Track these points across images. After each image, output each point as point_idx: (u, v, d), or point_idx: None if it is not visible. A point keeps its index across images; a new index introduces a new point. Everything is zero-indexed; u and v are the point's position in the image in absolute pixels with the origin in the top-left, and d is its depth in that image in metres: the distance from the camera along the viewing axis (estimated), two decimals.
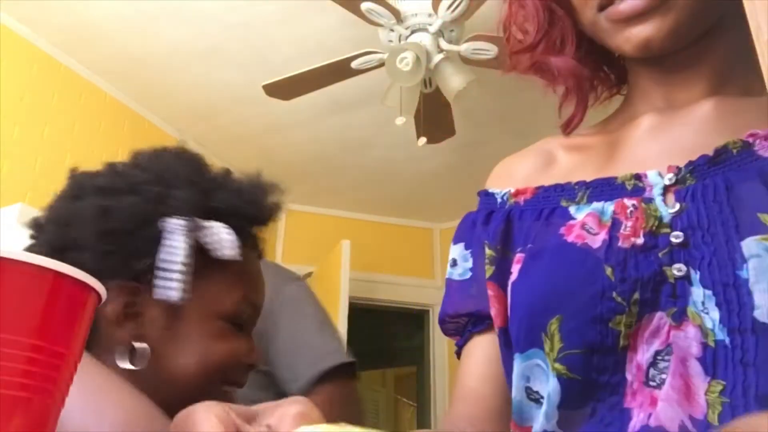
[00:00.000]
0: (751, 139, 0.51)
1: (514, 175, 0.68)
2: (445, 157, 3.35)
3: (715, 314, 0.47)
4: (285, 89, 2.50)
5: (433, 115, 2.62)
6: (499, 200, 0.66)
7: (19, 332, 0.37)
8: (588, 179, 0.59)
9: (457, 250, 0.69)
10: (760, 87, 0.55)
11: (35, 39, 2.57)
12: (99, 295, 0.44)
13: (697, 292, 0.48)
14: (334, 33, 2.54)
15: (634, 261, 0.50)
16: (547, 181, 0.63)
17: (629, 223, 0.52)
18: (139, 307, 0.70)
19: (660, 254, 0.50)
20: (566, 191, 0.60)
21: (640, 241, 0.51)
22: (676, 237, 0.50)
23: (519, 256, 0.59)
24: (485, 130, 3.07)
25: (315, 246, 3.82)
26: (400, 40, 2.32)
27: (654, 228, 0.51)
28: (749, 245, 0.46)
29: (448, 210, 3.93)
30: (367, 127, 3.18)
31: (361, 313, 3.64)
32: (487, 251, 0.63)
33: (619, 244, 0.51)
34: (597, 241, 0.53)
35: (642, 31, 0.54)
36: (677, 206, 0.51)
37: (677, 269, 0.49)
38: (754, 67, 0.59)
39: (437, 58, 2.30)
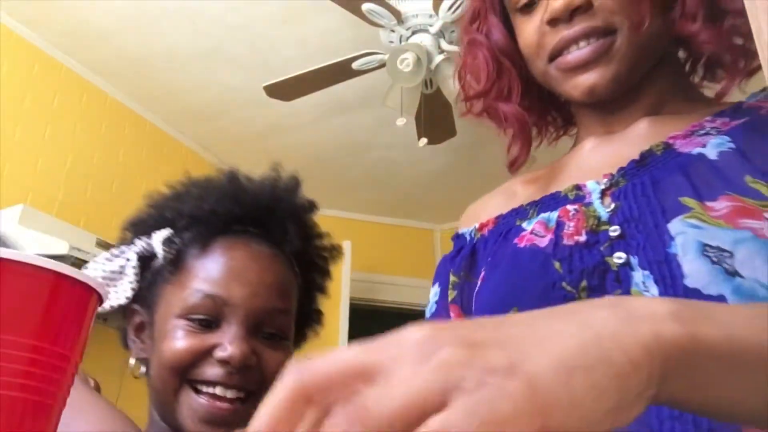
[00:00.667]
0: (671, 141, 0.60)
1: (481, 214, 0.76)
2: (446, 158, 3.35)
3: (654, 290, 0.52)
4: (286, 90, 2.50)
5: (434, 116, 2.62)
6: (468, 238, 0.74)
7: (20, 333, 0.37)
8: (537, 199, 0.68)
9: (432, 291, 0.77)
10: (688, 110, 0.66)
11: (36, 39, 2.57)
12: (100, 297, 0.44)
13: (637, 275, 0.53)
14: (335, 34, 2.54)
15: (579, 255, 0.57)
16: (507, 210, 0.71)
17: (572, 224, 0.59)
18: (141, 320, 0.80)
19: (602, 248, 0.56)
20: (520, 213, 0.68)
21: (582, 238, 0.57)
22: (614, 231, 0.56)
23: (482, 274, 0.66)
24: (486, 130, 3.06)
25: None
26: (401, 41, 2.32)
27: (594, 226, 0.58)
28: (675, 225, 0.53)
29: (449, 211, 3.92)
30: (368, 127, 3.18)
31: (362, 314, 3.63)
32: (451, 278, 0.71)
33: (564, 242, 0.58)
34: (544, 241, 0.60)
35: (588, 79, 0.63)
36: (612, 205, 0.58)
37: (618, 257, 0.55)
38: (684, 95, 0.67)
39: (438, 58, 2.30)
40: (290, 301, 0.81)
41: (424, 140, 2.69)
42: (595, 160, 0.66)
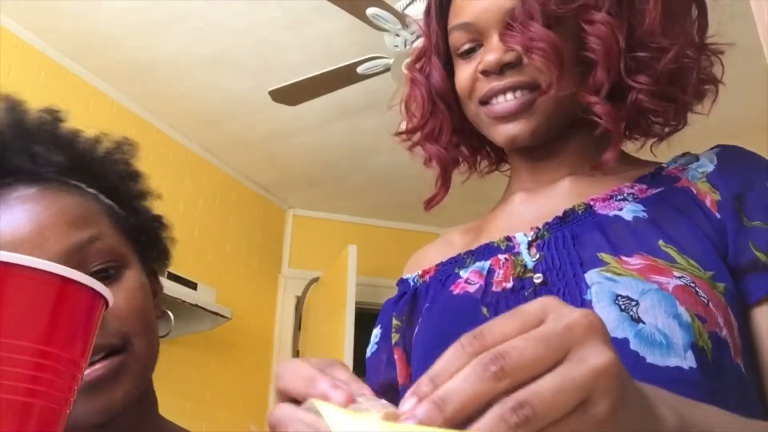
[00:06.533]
0: (591, 202, 0.68)
1: (422, 261, 0.82)
2: None
3: None
4: (291, 95, 2.51)
5: None
6: (411, 283, 0.80)
7: (27, 338, 0.37)
8: (473, 248, 0.74)
9: (374, 333, 0.82)
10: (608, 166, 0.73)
11: (43, 46, 2.58)
12: (106, 301, 0.44)
13: None
14: (340, 38, 2.55)
15: (506, 301, 0.64)
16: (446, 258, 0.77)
17: (501, 272, 0.67)
18: None
19: (526, 293, 0.63)
20: (458, 261, 0.75)
21: (509, 285, 0.65)
22: (538, 278, 0.64)
23: (420, 319, 0.72)
24: None
25: (321, 251, 3.82)
26: (405, 45, 2.32)
27: (521, 273, 0.65)
28: (591, 276, 0.60)
29: (454, 214, 3.91)
30: (373, 131, 3.18)
31: (367, 318, 3.62)
32: (394, 321, 0.77)
33: (493, 288, 0.66)
34: (475, 287, 0.67)
35: (511, 129, 0.69)
36: (537, 255, 0.66)
37: None
38: (600, 151, 0.73)
39: None
40: (94, 227, 0.69)
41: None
42: (523, 213, 0.74)
